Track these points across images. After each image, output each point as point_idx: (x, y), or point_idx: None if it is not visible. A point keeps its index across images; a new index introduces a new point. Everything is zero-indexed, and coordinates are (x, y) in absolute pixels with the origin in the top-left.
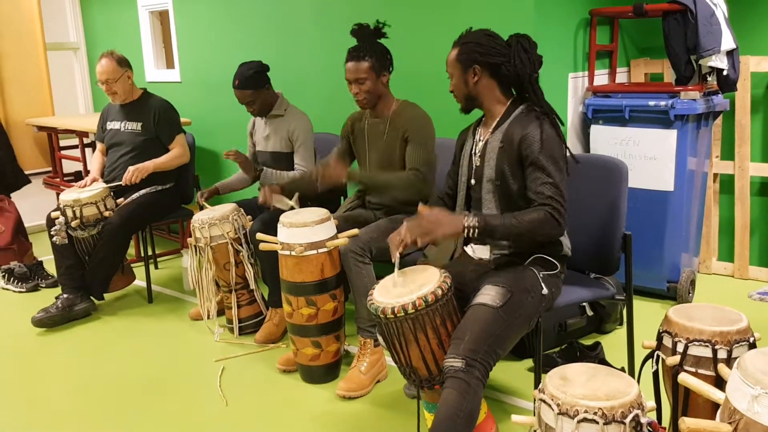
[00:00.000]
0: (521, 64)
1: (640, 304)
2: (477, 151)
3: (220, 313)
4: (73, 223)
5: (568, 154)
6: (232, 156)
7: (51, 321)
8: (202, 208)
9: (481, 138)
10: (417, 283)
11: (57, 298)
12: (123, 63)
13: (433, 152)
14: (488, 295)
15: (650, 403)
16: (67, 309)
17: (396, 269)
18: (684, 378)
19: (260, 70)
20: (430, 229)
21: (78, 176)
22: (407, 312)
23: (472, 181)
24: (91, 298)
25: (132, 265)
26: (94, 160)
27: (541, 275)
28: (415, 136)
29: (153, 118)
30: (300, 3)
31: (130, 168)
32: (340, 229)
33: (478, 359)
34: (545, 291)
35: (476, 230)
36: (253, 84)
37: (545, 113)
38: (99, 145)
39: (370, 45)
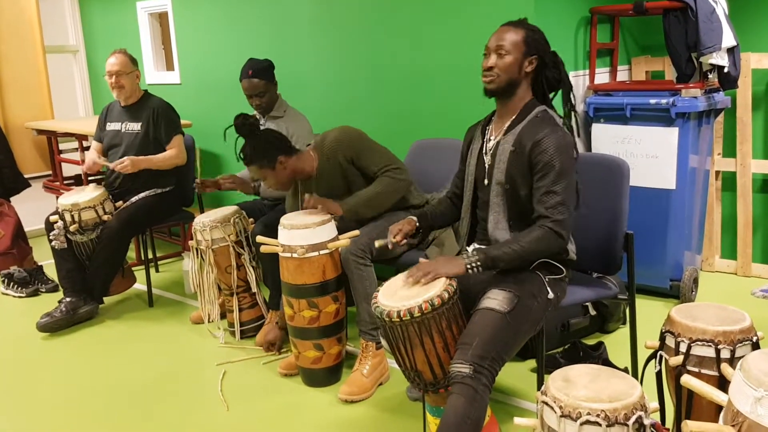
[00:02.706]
0: (566, 75)
1: (643, 303)
2: (487, 150)
3: (223, 316)
4: (72, 228)
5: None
6: (228, 182)
7: (56, 325)
8: (199, 197)
9: (492, 137)
10: (422, 286)
11: (60, 302)
12: (134, 61)
13: (383, 148)
14: (495, 299)
15: (653, 404)
16: (72, 312)
17: (378, 243)
18: (687, 380)
19: (271, 65)
20: (429, 270)
21: (78, 180)
22: (413, 316)
23: (485, 182)
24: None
25: (133, 268)
26: (89, 155)
27: (547, 279)
28: (356, 151)
29: (152, 117)
30: (299, 5)
31: (125, 158)
32: (340, 229)
33: (485, 365)
34: (551, 295)
35: (479, 267)
36: (266, 75)
37: (565, 121)
38: (95, 144)
39: (251, 146)
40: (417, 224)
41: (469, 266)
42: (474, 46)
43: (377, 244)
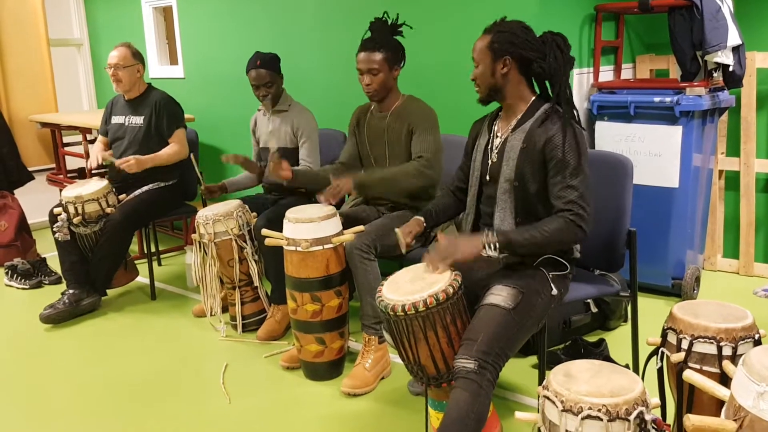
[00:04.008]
0: (555, 63)
1: (644, 301)
2: (494, 147)
3: (225, 309)
4: (75, 220)
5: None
6: (231, 160)
7: (59, 317)
8: (204, 201)
9: (499, 134)
10: (427, 280)
11: (63, 293)
12: (137, 56)
13: (439, 141)
14: (500, 296)
15: (655, 400)
16: (74, 304)
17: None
18: (689, 375)
19: (278, 58)
20: (448, 253)
21: (81, 173)
22: (418, 310)
23: (487, 178)
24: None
25: (135, 261)
26: (95, 149)
27: (551, 276)
28: (420, 126)
29: (155, 111)
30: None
31: (131, 157)
32: (345, 225)
33: (489, 361)
34: (555, 292)
35: (497, 246)
36: (274, 66)
37: (571, 115)
38: (100, 138)
39: (384, 37)
40: (424, 224)
41: (486, 244)
42: None
43: (398, 234)
